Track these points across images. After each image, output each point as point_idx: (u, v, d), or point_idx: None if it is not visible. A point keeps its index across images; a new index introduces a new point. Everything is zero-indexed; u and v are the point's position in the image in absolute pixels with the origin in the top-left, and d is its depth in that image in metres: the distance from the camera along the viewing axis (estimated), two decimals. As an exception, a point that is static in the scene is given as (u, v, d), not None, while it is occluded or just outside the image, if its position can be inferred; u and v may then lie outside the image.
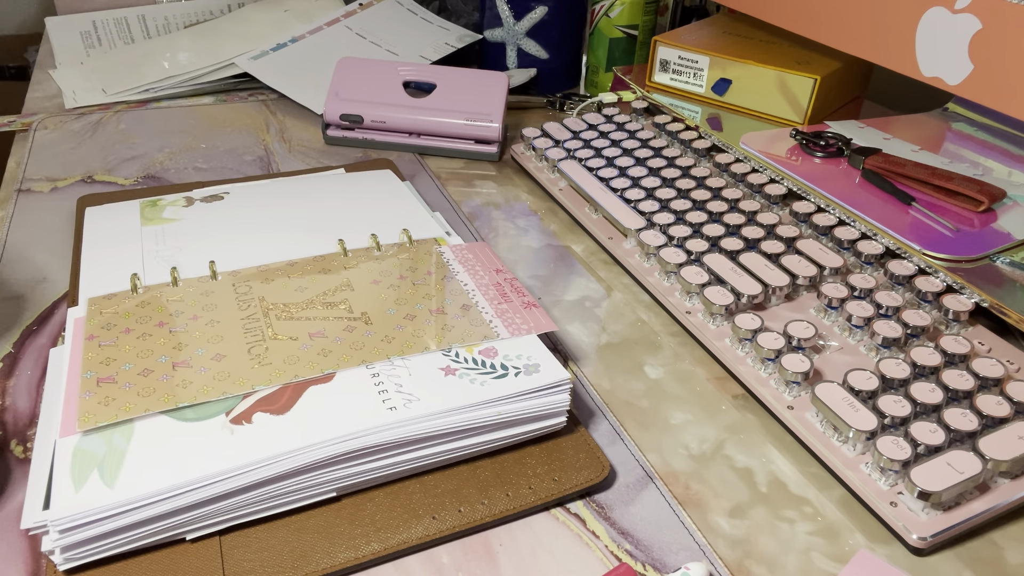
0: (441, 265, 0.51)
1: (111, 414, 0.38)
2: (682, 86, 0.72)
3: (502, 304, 0.47)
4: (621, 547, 0.37)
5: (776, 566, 0.37)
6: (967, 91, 0.51)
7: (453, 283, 0.49)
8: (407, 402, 0.39)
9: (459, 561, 0.37)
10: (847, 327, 0.47)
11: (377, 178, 0.64)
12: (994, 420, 0.40)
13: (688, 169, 0.64)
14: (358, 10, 0.93)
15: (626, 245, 0.58)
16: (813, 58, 0.67)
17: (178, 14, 0.98)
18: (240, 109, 0.82)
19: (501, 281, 0.49)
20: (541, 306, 0.46)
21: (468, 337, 0.44)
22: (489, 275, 0.49)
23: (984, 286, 0.47)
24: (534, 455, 0.41)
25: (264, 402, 0.39)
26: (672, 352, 0.50)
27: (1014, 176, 0.58)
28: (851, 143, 0.61)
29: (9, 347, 0.49)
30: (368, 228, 0.55)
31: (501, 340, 0.43)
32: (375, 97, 0.73)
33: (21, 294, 0.54)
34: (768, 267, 0.51)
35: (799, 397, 0.43)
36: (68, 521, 0.33)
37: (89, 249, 0.53)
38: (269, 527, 0.37)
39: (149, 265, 0.51)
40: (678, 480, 0.41)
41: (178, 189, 0.63)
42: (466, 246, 0.53)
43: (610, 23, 0.81)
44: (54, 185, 0.67)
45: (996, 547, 0.38)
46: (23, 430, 0.43)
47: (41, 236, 0.60)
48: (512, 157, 0.72)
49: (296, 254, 0.52)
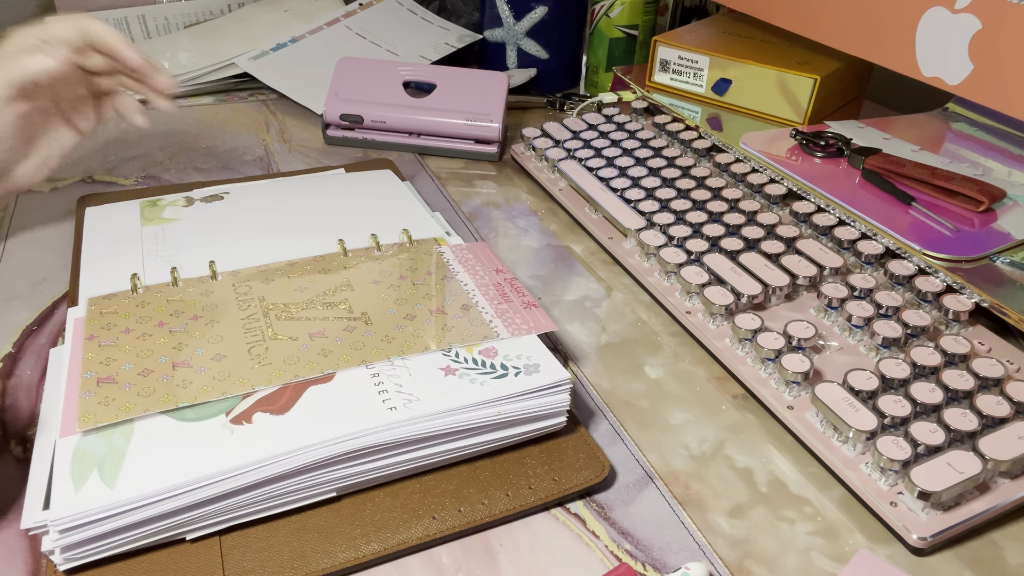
0: (441, 265, 0.50)
1: (111, 414, 0.38)
2: (682, 86, 0.72)
3: (502, 304, 0.47)
4: (621, 547, 0.37)
5: (776, 566, 0.37)
6: (967, 91, 0.51)
7: (453, 283, 0.49)
8: (407, 402, 0.39)
9: (459, 561, 0.37)
10: (847, 327, 0.47)
11: (377, 178, 0.64)
12: (994, 420, 0.40)
13: (688, 169, 0.64)
14: (358, 10, 0.93)
15: (626, 245, 0.58)
16: (813, 58, 0.67)
17: (178, 14, 0.98)
18: (240, 109, 0.82)
19: (501, 281, 0.49)
20: (541, 306, 0.46)
21: (468, 337, 0.44)
22: (489, 275, 0.49)
23: (984, 286, 0.47)
24: (534, 455, 0.41)
25: (264, 402, 0.39)
26: (672, 352, 0.50)
27: (1014, 176, 0.58)
28: (851, 143, 0.61)
29: (9, 347, 0.49)
30: (368, 228, 0.55)
31: (501, 340, 0.43)
32: (375, 97, 0.73)
33: (21, 294, 0.54)
34: (768, 267, 0.51)
35: (799, 397, 0.43)
36: (68, 521, 0.33)
37: (89, 249, 0.53)
38: (269, 527, 0.37)
39: (149, 265, 0.51)
40: (678, 480, 0.41)
41: (178, 189, 0.63)
42: (466, 246, 0.53)
43: (610, 23, 0.81)
44: (54, 185, 0.67)
45: (996, 547, 0.38)
46: (23, 430, 0.43)
47: (41, 236, 0.60)
48: (512, 157, 0.72)
49: (296, 254, 0.52)
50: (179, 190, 0.62)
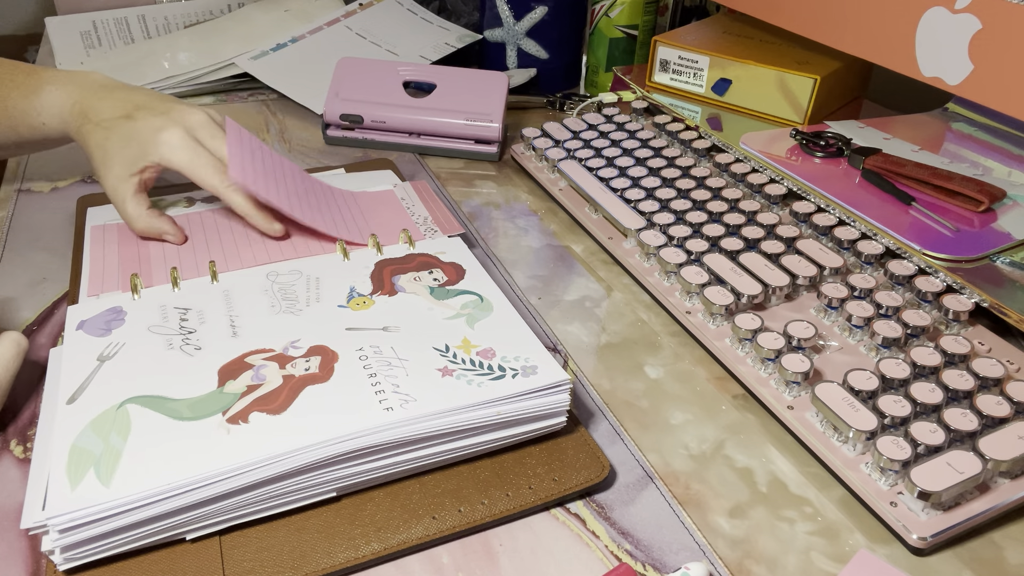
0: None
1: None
2: (682, 86, 0.72)
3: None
4: (621, 547, 0.37)
5: (776, 566, 0.37)
6: (967, 91, 0.51)
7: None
8: (404, 402, 0.39)
9: (459, 561, 0.37)
10: (847, 327, 0.47)
11: (377, 178, 0.64)
12: (994, 420, 0.40)
13: (688, 169, 0.64)
14: (358, 10, 0.93)
15: (626, 245, 0.58)
16: (813, 58, 0.67)
17: (178, 14, 0.98)
18: (240, 109, 0.82)
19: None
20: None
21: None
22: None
23: (984, 286, 0.47)
24: (534, 455, 0.41)
25: (260, 402, 0.39)
26: (672, 352, 0.50)
27: (1014, 176, 0.58)
28: (851, 143, 0.61)
29: (9, 347, 0.49)
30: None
31: (494, 334, 0.43)
32: (375, 97, 0.73)
33: (21, 294, 0.54)
34: (768, 267, 0.51)
35: (799, 397, 0.43)
36: (68, 521, 0.33)
37: (89, 249, 0.53)
38: (269, 527, 0.37)
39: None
40: (678, 480, 0.41)
41: (179, 189, 0.63)
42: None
43: (610, 23, 0.81)
44: (54, 185, 0.67)
45: (996, 547, 0.38)
46: (23, 430, 0.43)
47: (41, 236, 0.60)
48: (512, 157, 0.72)
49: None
50: (180, 190, 0.62)
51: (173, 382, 0.40)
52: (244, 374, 0.41)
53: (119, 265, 0.51)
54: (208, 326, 0.45)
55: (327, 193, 0.58)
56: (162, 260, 0.51)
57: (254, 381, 0.40)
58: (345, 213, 0.56)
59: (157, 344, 0.43)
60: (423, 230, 0.55)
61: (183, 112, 0.53)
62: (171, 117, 0.53)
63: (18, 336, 0.43)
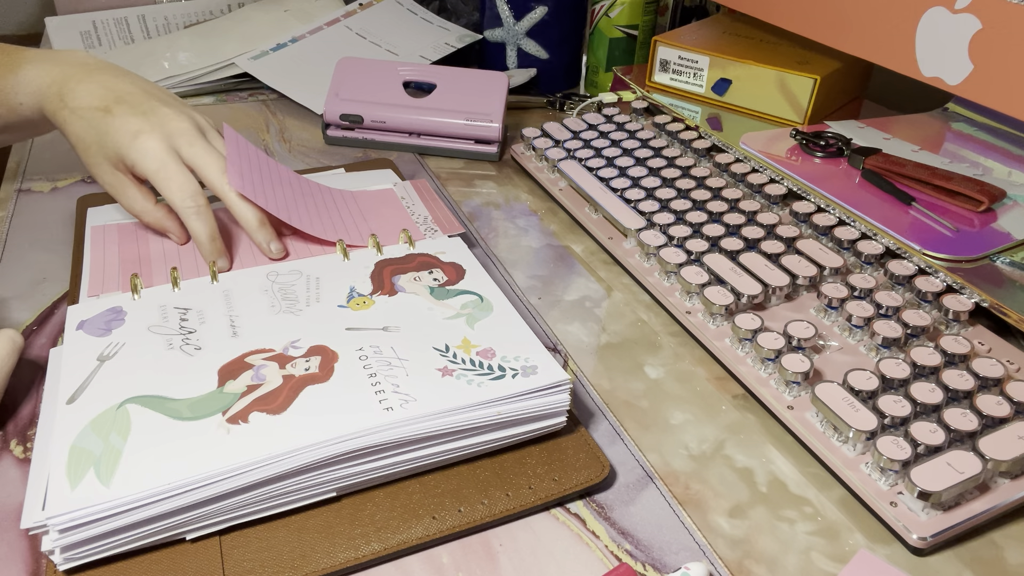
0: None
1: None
2: (682, 86, 0.72)
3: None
4: (621, 547, 0.37)
5: (776, 566, 0.37)
6: (967, 91, 0.51)
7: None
8: (404, 402, 0.39)
9: (459, 561, 0.37)
10: (847, 327, 0.47)
11: (377, 178, 0.64)
12: (994, 420, 0.40)
13: (688, 169, 0.64)
14: (358, 10, 0.93)
15: (626, 245, 0.58)
16: (813, 58, 0.67)
17: (178, 14, 0.98)
18: (240, 109, 0.82)
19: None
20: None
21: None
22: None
23: (984, 286, 0.47)
24: (534, 455, 0.41)
25: (260, 402, 0.39)
26: (672, 352, 0.50)
27: (1014, 176, 0.58)
28: (851, 143, 0.61)
29: (9, 347, 0.49)
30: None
31: (494, 334, 0.43)
32: (375, 97, 0.73)
33: (21, 294, 0.54)
34: (768, 267, 0.51)
35: (799, 397, 0.43)
36: (68, 521, 0.33)
37: (90, 249, 0.53)
38: (269, 527, 0.37)
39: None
40: (678, 480, 0.41)
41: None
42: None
43: (610, 23, 0.81)
44: (54, 185, 0.67)
45: (996, 547, 0.38)
46: (23, 430, 0.43)
47: (41, 236, 0.60)
48: (512, 157, 0.72)
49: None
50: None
51: (173, 382, 0.40)
52: (244, 374, 0.41)
53: (119, 265, 0.51)
54: (208, 326, 0.45)
55: (326, 196, 0.58)
56: (162, 260, 0.51)
57: (254, 381, 0.40)
58: (345, 216, 0.56)
59: (157, 344, 0.43)
60: (423, 230, 0.55)
61: (164, 116, 0.51)
62: (150, 120, 0.50)
63: (13, 333, 0.43)
